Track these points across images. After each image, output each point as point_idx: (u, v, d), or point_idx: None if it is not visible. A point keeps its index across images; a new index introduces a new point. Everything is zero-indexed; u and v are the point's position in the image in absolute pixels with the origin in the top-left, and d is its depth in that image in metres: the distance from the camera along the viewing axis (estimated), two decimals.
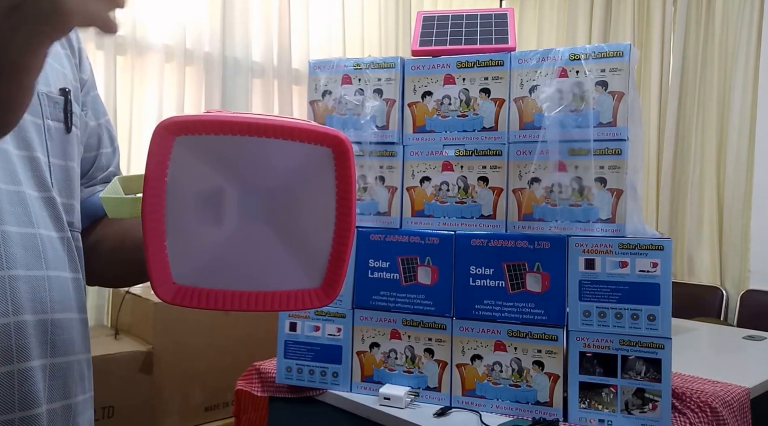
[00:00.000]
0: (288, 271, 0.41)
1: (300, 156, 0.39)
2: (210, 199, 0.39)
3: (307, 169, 0.40)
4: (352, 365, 1.13)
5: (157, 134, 0.37)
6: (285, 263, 0.41)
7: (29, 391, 0.57)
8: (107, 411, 1.72)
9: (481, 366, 1.05)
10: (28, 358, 0.57)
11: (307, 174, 0.40)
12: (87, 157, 0.76)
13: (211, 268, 0.39)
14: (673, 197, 3.08)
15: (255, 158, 0.39)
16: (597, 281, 0.99)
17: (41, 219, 0.60)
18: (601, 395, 0.99)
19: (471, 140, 1.07)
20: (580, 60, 1.00)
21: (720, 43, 2.94)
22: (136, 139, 2.32)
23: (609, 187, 0.99)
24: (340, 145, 0.39)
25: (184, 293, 0.40)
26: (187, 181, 0.38)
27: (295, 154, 0.39)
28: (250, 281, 0.41)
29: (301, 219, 0.41)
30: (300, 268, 0.42)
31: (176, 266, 0.38)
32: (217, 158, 0.38)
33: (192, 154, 0.38)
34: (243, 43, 2.60)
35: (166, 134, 0.37)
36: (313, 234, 0.41)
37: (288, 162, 0.39)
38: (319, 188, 0.40)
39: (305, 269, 0.42)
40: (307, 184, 0.40)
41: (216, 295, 0.40)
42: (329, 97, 1.13)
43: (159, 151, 0.37)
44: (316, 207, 0.41)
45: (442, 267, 1.07)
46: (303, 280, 0.42)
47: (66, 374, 0.63)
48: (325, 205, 0.41)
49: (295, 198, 0.40)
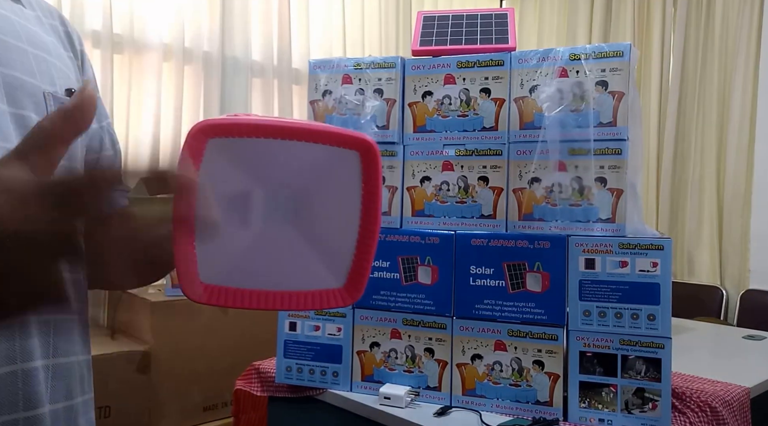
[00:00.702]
0: (313, 272, 0.42)
1: (328, 159, 0.40)
2: (238, 201, 0.40)
3: (334, 172, 0.41)
4: (352, 365, 1.13)
5: (191, 136, 0.38)
6: (310, 264, 0.42)
7: (32, 392, 0.57)
8: (104, 411, 1.72)
9: (482, 365, 1.05)
10: (31, 359, 0.57)
11: (333, 176, 0.41)
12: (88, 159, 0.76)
13: (238, 268, 0.40)
14: (673, 197, 3.08)
15: (283, 161, 0.40)
16: (597, 281, 0.99)
17: None
18: (601, 395, 0.99)
19: (471, 140, 1.07)
20: (580, 60, 1.00)
21: (720, 43, 2.94)
22: (133, 138, 2.32)
23: (609, 187, 0.99)
24: (369, 149, 0.40)
25: (211, 293, 0.40)
26: (217, 183, 0.39)
27: (323, 157, 0.40)
28: (276, 281, 0.42)
29: (327, 221, 0.42)
30: (325, 268, 0.43)
31: (204, 266, 0.39)
32: (247, 161, 0.39)
33: (223, 156, 0.39)
34: (242, 42, 2.59)
35: (201, 136, 0.38)
36: (338, 235, 0.42)
37: (315, 165, 0.40)
38: (345, 191, 0.41)
39: (330, 269, 0.43)
40: (333, 187, 0.41)
41: (242, 294, 0.41)
42: (329, 97, 1.13)
43: (191, 153, 0.38)
44: (342, 209, 0.42)
45: (443, 267, 1.07)
46: (328, 280, 0.43)
47: (68, 375, 0.63)
48: (351, 207, 0.42)
49: (321, 200, 0.41)
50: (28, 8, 0.68)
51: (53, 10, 0.73)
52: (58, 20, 0.73)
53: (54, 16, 0.73)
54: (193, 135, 0.38)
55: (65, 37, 0.73)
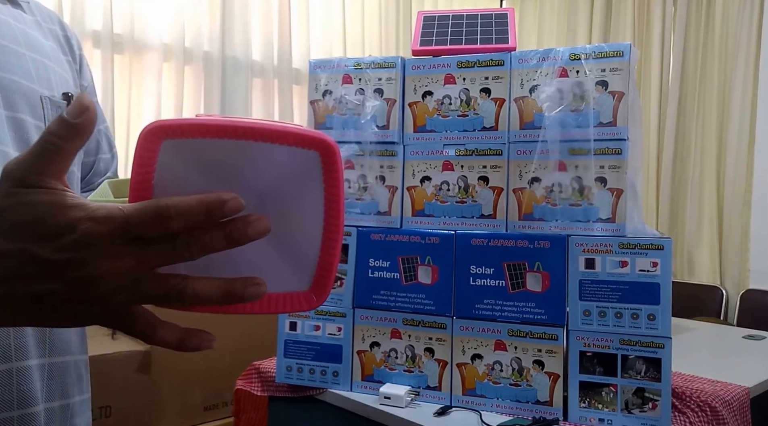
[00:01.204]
0: (277, 275, 0.41)
1: (287, 160, 0.39)
2: None
3: (294, 173, 0.39)
4: (352, 364, 1.13)
5: (143, 138, 0.37)
6: (274, 267, 0.41)
7: (27, 390, 0.57)
8: (105, 411, 1.72)
9: (482, 365, 1.05)
10: (27, 357, 0.57)
11: (294, 178, 0.40)
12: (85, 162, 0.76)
13: (200, 272, 0.38)
14: (673, 197, 3.08)
15: (242, 162, 0.38)
16: (597, 281, 0.99)
17: None
18: (601, 394, 0.99)
19: (471, 140, 1.07)
20: (580, 60, 1.00)
21: (720, 43, 2.94)
22: (134, 139, 2.31)
23: (609, 187, 0.99)
24: (327, 148, 0.39)
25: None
26: (174, 186, 0.37)
27: (282, 158, 0.39)
28: None
29: (290, 222, 0.41)
30: (289, 271, 0.42)
31: (165, 272, 0.37)
32: (205, 162, 0.38)
33: (179, 158, 0.38)
34: (243, 42, 2.59)
35: (152, 138, 0.37)
36: (302, 237, 0.41)
37: (275, 166, 0.39)
38: (307, 192, 0.40)
39: (295, 272, 0.42)
40: (295, 188, 0.40)
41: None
42: (330, 97, 1.13)
43: (145, 155, 0.37)
44: (305, 210, 0.41)
45: (443, 266, 1.07)
46: (293, 283, 0.42)
47: (63, 374, 0.63)
48: (314, 208, 0.41)
49: (284, 202, 0.40)
50: (27, 13, 0.68)
51: (53, 14, 0.74)
52: (58, 25, 0.73)
53: (53, 21, 0.73)
54: (144, 136, 0.37)
55: (64, 42, 0.73)
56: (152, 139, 0.37)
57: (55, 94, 0.65)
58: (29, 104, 0.61)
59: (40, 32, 0.68)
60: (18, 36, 0.63)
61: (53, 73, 0.66)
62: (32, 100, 0.62)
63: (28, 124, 0.61)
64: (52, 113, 0.63)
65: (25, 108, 0.61)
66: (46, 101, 0.63)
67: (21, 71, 0.61)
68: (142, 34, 2.32)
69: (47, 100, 0.63)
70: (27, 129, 0.61)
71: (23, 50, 0.62)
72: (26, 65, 0.62)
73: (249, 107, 2.61)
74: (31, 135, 0.61)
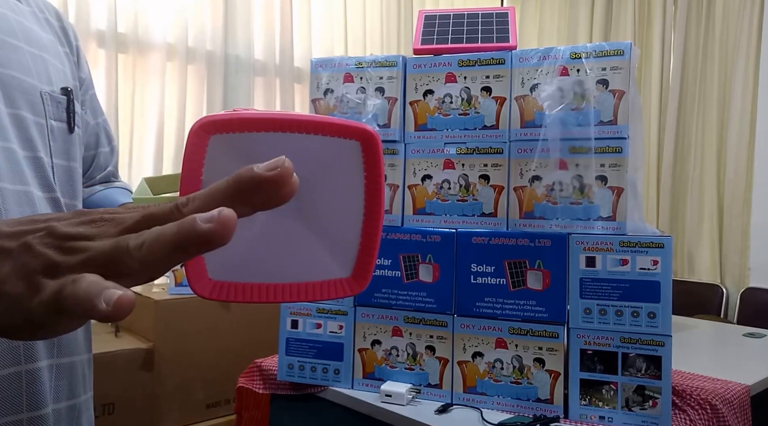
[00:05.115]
0: (320, 262, 0.42)
1: (329, 150, 0.40)
2: None
3: (336, 162, 0.41)
4: (353, 362, 1.13)
5: (193, 133, 0.38)
6: (316, 255, 0.42)
7: (37, 392, 0.57)
8: (108, 408, 1.72)
9: (482, 363, 1.06)
10: (36, 359, 0.57)
11: (336, 167, 0.41)
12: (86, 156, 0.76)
13: (245, 262, 0.40)
14: (674, 195, 3.08)
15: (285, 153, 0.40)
16: (598, 279, 0.99)
17: None
18: (601, 392, 0.99)
19: (472, 138, 1.07)
20: (580, 58, 1.00)
21: (720, 43, 2.94)
22: (138, 138, 2.32)
23: (609, 185, 0.99)
24: (369, 138, 0.41)
25: (220, 289, 0.41)
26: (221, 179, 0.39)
27: (324, 148, 0.40)
28: (283, 274, 0.42)
29: (331, 211, 0.42)
30: (331, 258, 0.43)
31: (211, 262, 0.39)
32: (250, 155, 0.39)
33: (226, 152, 0.39)
34: (245, 42, 2.60)
35: (203, 133, 0.38)
36: (343, 225, 0.42)
37: (318, 156, 0.40)
38: (347, 180, 0.42)
39: (336, 260, 0.43)
40: (336, 177, 0.41)
41: (251, 288, 0.41)
42: (331, 96, 1.13)
43: (195, 150, 0.38)
44: (346, 199, 0.42)
45: (444, 265, 1.08)
46: (335, 271, 0.43)
47: (71, 374, 0.63)
48: (355, 196, 0.42)
49: (325, 191, 0.41)
50: (23, 3, 0.66)
51: (48, 4, 0.72)
52: (54, 15, 0.72)
53: (49, 11, 0.71)
54: (195, 132, 0.38)
55: (61, 33, 0.72)
56: (202, 135, 0.38)
57: (55, 89, 0.64)
58: (29, 100, 0.60)
59: (37, 24, 0.67)
60: (16, 29, 0.61)
61: (52, 68, 0.65)
62: (32, 96, 0.61)
63: (28, 121, 0.60)
64: (52, 109, 0.63)
65: (25, 104, 0.60)
66: (45, 97, 0.62)
67: (21, 67, 0.60)
68: (146, 34, 2.33)
69: (47, 96, 0.62)
70: (28, 126, 0.60)
71: (22, 44, 0.61)
72: (25, 60, 0.61)
73: (251, 105, 2.61)
74: (32, 132, 0.60)
